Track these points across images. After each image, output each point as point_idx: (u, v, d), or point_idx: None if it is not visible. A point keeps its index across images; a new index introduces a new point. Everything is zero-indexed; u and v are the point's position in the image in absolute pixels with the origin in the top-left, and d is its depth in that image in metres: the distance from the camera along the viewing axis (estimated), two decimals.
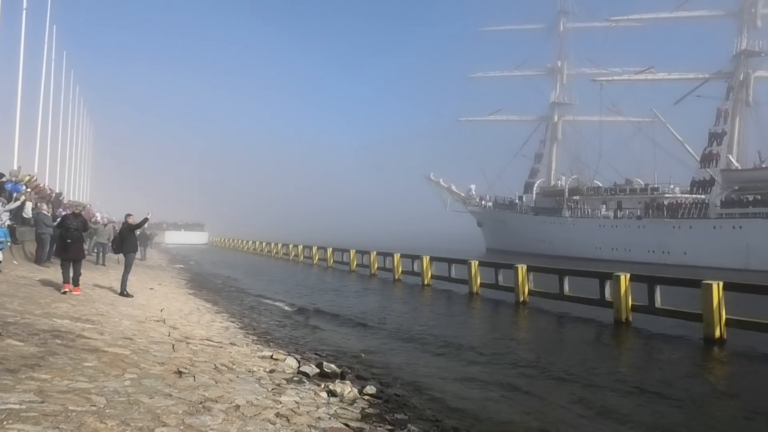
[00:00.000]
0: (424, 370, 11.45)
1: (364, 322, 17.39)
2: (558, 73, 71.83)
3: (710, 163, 51.29)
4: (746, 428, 8.60)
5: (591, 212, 58.62)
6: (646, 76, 57.52)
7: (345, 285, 29.34)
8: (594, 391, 10.07)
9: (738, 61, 52.50)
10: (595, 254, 52.94)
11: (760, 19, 51.43)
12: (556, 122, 71.52)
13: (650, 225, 50.75)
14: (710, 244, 45.09)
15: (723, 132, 51.96)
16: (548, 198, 66.22)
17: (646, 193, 56.21)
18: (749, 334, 13.97)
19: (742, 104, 52.02)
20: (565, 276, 19.68)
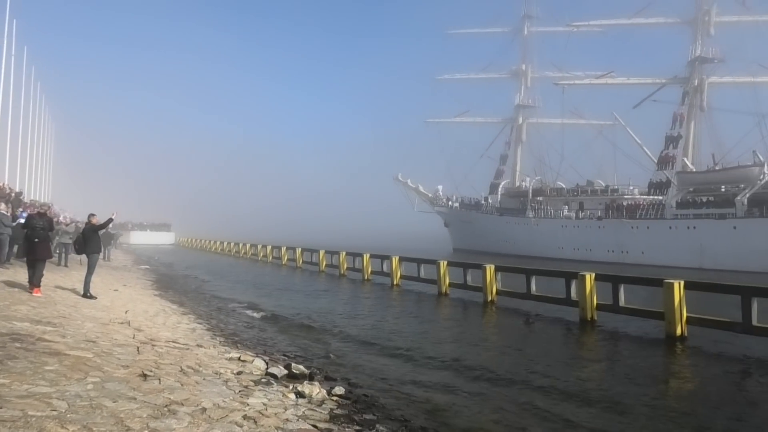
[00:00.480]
0: (393, 373, 11.45)
1: (333, 323, 17.37)
2: (522, 76, 72.90)
3: (667, 166, 52.73)
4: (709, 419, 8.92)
5: (554, 213, 59.82)
6: (606, 81, 58.94)
7: (312, 285, 29.23)
8: (559, 391, 10.26)
9: (693, 68, 54.24)
10: (558, 254, 53.90)
11: (713, 27, 53.09)
12: (520, 124, 72.64)
13: (610, 225, 51.95)
14: (666, 244, 46.34)
15: (679, 135, 53.58)
16: (513, 199, 67.24)
17: (607, 195, 57.63)
18: (709, 332, 14.37)
19: (696, 109, 53.66)
20: (532, 276, 19.95)
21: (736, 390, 10.76)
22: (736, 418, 8.99)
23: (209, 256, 61.25)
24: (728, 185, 45.96)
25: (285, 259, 45.32)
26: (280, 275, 36.15)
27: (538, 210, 61.33)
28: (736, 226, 42.49)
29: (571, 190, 62.01)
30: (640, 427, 8.52)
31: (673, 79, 55.72)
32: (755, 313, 13.17)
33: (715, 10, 52.95)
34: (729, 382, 11.18)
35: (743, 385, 11.18)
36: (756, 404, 9.85)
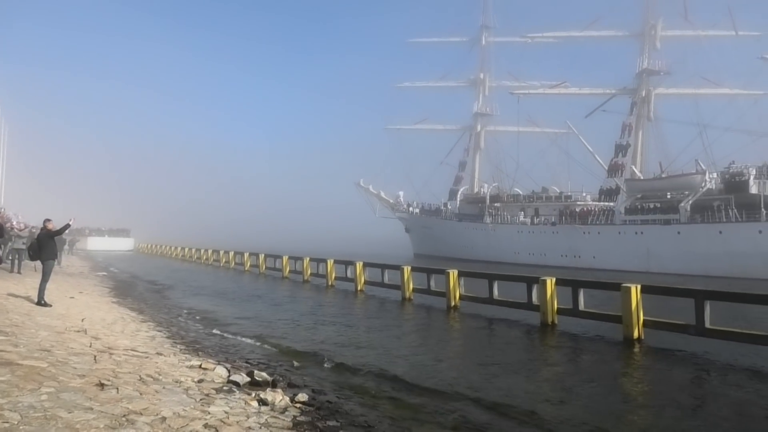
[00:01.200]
0: (357, 379, 11.44)
1: (296, 330, 17.26)
2: (480, 85, 74.01)
3: (616, 173, 54.49)
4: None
5: (510, 219, 61.07)
6: (560, 91, 60.85)
7: (275, 292, 28.97)
8: (529, 393, 10.49)
9: (641, 79, 56.25)
10: (514, 259, 54.97)
11: (659, 41, 55.30)
12: (478, 132, 73.75)
13: (563, 231, 53.32)
14: (615, 249, 47.65)
15: (627, 144, 55.58)
16: (471, 205, 68.21)
17: (561, 201, 59.22)
18: (664, 334, 14.76)
19: (644, 119, 55.70)
20: (494, 281, 20.22)
21: (688, 390, 11.08)
22: (686, 417, 9.25)
23: (170, 262, 60.09)
24: (673, 192, 47.52)
25: (248, 265, 44.77)
26: (242, 282, 35.71)
27: (495, 216, 62.43)
28: (680, 231, 44.00)
29: (527, 197, 63.50)
30: (595, 426, 8.77)
31: (622, 89, 57.71)
32: (708, 316, 13.63)
33: (661, 25, 55.06)
34: (682, 383, 11.51)
35: (696, 386, 11.53)
36: (706, 404, 10.18)
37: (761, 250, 38.03)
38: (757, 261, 37.28)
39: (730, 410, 9.58)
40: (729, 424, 8.90)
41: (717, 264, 38.89)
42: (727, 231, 40.87)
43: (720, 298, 14.21)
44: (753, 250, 38.36)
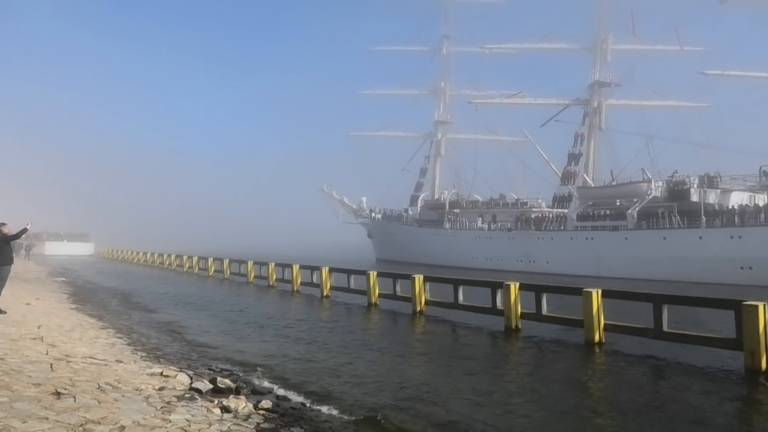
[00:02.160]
0: (323, 384, 11.38)
1: (262, 337, 17.10)
2: (441, 94, 74.86)
3: (569, 181, 55.83)
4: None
5: (468, 224, 61.90)
6: (516, 101, 62.04)
7: (240, 298, 28.64)
8: (493, 393, 10.59)
9: (592, 90, 57.76)
10: (472, 263, 55.57)
11: (610, 54, 57.01)
12: (439, 139, 74.60)
13: (519, 236, 54.28)
14: (568, 254, 48.67)
15: (580, 153, 57.10)
16: (431, 211, 68.71)
17: (517, 207, 60.40)
18: (624, 338, 15.00)
19: (596, 129, 57.16)
20: (459, 286, 20.23)
21: (647, 393, 11.24)
22: (645, 419, 9.38)
23: (132, 267, 58.80)
24: (622, 199, 48.68)
25: (212, 270, 44.14)
26: (206, 287, 35.16)
27: (454, 222, 63.15)
28: (627, 237, 45.16)
29: (485, 203, 64.51)
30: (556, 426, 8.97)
31: (575, 100, 59.16)
32: (665, 320, 13.87)
33: (612, 39, 56.71)
34: (641, 386, 11.69)
35: (654, 388, 11.73)
36: (664, 406, 10.30)
37: (701, 255, 39.15)
38: (698, 265, 38.30)
39: (686, 412, 9.77)
40: (685, 426, 9.09)
41: (661, 268, 39.93)
42: (671, 237, 42.09)
43: (677, 302, 14.56)
44: (694, 255, 39.51)
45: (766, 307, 11.93)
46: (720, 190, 43.65)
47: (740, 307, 12.24)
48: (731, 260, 37.63)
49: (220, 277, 40.91)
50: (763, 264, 35.85)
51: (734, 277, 35.95)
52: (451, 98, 74.64)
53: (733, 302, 12.68)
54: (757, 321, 11.88)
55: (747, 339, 12.07)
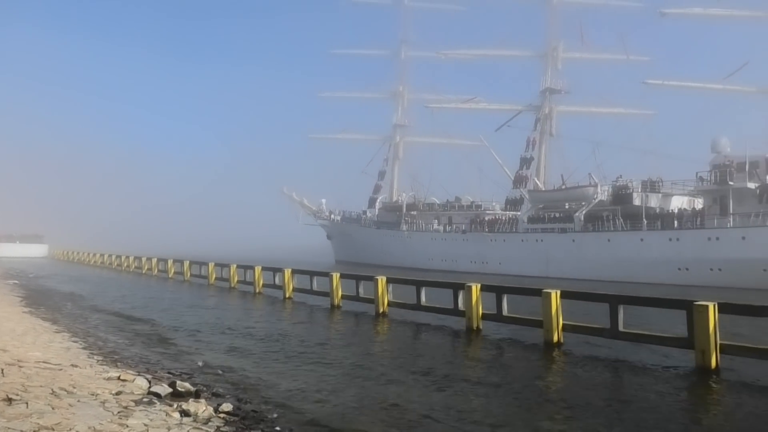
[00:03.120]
0: (285, 386, 11.17)
1: (222, 339, 16.71)
2: (400, 97, 74.91)
3: (521, 184, 56.74)
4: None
5: (425, 226, 62.39)
6: (471, 106, 62.63)
7: (203, 300, 28.02)
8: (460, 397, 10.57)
9: (544, 97, 58.74)
10: (428, 265, 55.76)
11: (561, 62, 58.11)
12: (397, 142, 74.58)
13: (472, 238, 54.97)
14: (519, 255, 49.34)
15: (531, 158, 57.99)
16: (389, 213, 68.86)
17: (472, 210, 61.32)
18: (582, 338, 15.08)
19: (547, 134, 58.14)
20: (422, 287, 20.09)
21: (603, 390, 11.39)
22: (601, 416, 9.50)
23: (88, 269, 56.91)
24: (570, 203, 49.72)
25: (172, 272, 43.03)
26: (166, 289, 34.32)
27: (411, 224, 63.46)
28: (574, 239, 46.20)
29: (442, 206, 65.15)
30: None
31: (528, 106, 59.94)
32: (621, 320, 14.00)
33: (562, 47, 57.78)
34: (597, 383, 11.82)
35: (610, 386, 11.90)
36: (619, 402, 10.52)
37: (642, 256, 40.19)
38: (639, 266, 39.30)
39: (639, 410, 9.87)
40: (638, 423, 9.20)
41: (606, 269, 40.70)
42: (615, 239, 43.17)
43: (632, 302, 14.77)
44: (636, 256, 40.53)
45: (716, 307, 12.20)
46: (661, 194, 44.90)
47: (692, 307, 12.42)
48: (669, 261, 38.71)
49: (180, 279, 39.92)
50: (698, 265, 36.97)
51: (672, 278, 36.96)
52: (409, 102, 74.77)
53: (685, 302, 12.88)
54: (707, 320, 12.10)
55: (698, 338, 12.26)
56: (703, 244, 37.65)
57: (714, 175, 39.64)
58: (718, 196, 39.72)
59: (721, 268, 35.88)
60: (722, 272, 35.65)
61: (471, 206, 62.21)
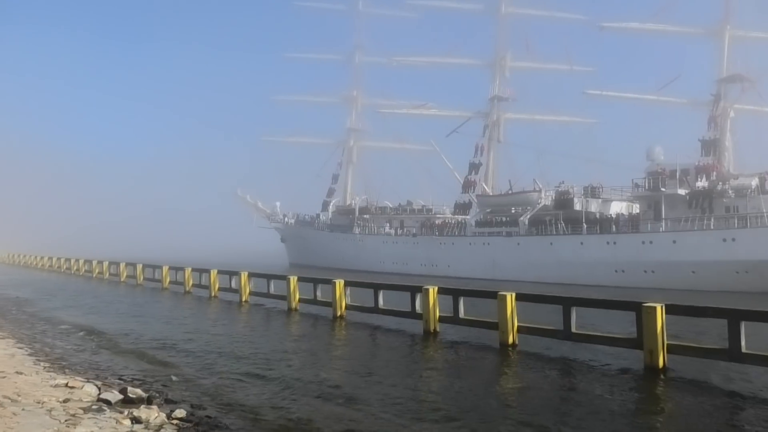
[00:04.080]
0: (240, 392, 10.71)
1: (174, 345, 15.86)
2: (353, 102, 74.07)
3: (469, 189, 56.83)
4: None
5: (377, 230, 62.23)
6: (422, 112, 62.71)
7: (156, 305, 26.78)
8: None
9: (492, 104, 59.19)
10: (380, 267, 55.43)
11: (508, 70, 58.69)
12: (351, 147, 73.66)
13: (423, 241, 55.00)
14: (467, 258, 49.64)
15: (480, 163, 58.26)
16: (343, 216, 68.12)
17: (423, 214, 61.38)
18: (536, 339, 14.96)
19: (495, 141, 58.68)
20: (380, 290, 19.66)
21: (556, 390, 11.41)
22: (553, 414, 9.54)
23: (36, 273, 54.00)
24: (516, 207, 50.40)
25: (124, 276, 41.09)
26: (118, 294, 32.68)
27: (364, 227, 63.03)
28: (519, 242, 46.71)
29: (394, 209, 64.88)
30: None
31: (477, 113, 60.25)
32: (574, 322, 13.96)
33: (510, 57, 58.34)
34: (551, 383, 11.81)
35: (563, 386, 11.86)
36: (571, 401, 10.51)
37: (582, 259, 41.00)
38: (579, 268, 40.04)
39: (590, 408, 9.91)
40: (588, 421, 9.23)
41: (549, 272, 41.32)
42: (557, 242, 43.82)
43: (584, 304, 14.74)
44: (576, 259, 41.32)
45: (663, 308, 12.27)
46: (601, 200, 45.86)
47: (641, 308, 12.49)
48: (607, 264, 39.55)
49: (133, 283, 38.07)
50: (634, 267, 37.98)
51: (610, 279, 37.72)
52: (363, 107, 74.00)
53: (635, 304, 12.91)
54: (655, 321, 12.15)
55: (646, 338, 12.33)
56: (638, 247, 38.60)
57: (648, 182, 40.80)
58: (652, 202, 40.83)
59: (654, 270, 36.96)
60: (655, 274, 36.71)
61: (422, 210, 62.13)
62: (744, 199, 36.27)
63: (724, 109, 40.97)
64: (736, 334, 11.32)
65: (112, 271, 43.80)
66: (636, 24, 45.17)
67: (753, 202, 35.55)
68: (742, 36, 41.26)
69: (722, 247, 34.33)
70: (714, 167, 39.57)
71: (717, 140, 40.43)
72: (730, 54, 41.43)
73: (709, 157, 40.02)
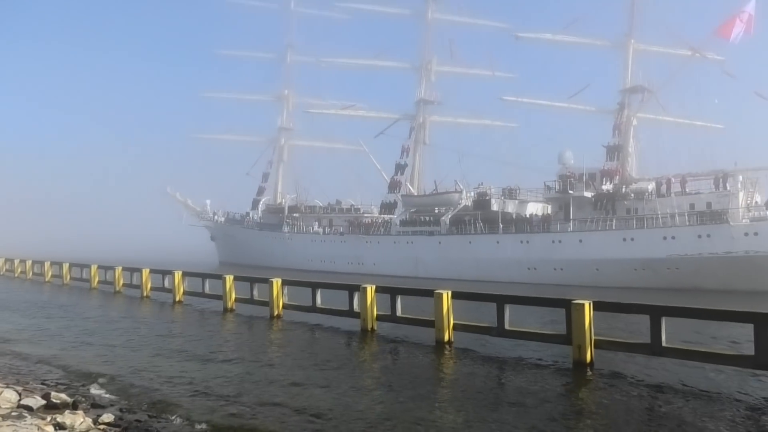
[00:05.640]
0: (169, 395, 10.02)
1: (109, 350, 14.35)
2: (285, 101, 71.38)
3: (395, 189, 56.20)
4: None
5: (306, 228, 60.52)
6: (350, 112, 61.01)
7: (83, 304, 24.45)
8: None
9: (418, 107, 58.32)
10: (308, 266, 54.09)
11: (434, 74, 57.98)
12: (282, 145, 70.97)
13: (350, 240, 54.08)
14: (391, 256, 49.07)
15: (405, 164, 57.28)
16: (273, 215, 65.95)
17: (351, 213, 60.34)
18: (472, 336, 14.59)
19: (421, 143, 57.96)
20: (317, 289, 18.65)
21: (489, 385, 11.22)
22: (485, 410, 9.34)
23: None
24: (440, 207, 50.34)
25: (48, 275, 37.26)
26: (42, 294, 29.66)
27: (293, 226, 61.20)
28: (441, 241, 46.63)
29: (323, 208, 63.28)
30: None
31: (404, 115, 59.19)
32: (507, 319, 13.66)
33: (436, 61, 57.56)
34: (484, 379, 11.55)
35: (495, 381, 11.67)
36: (503, 395, 10.52)
37: (498, 257, 41.46)
38: (496, 266, 40.52)
39: (519, 401, 9.82)
40: (516, 413, 9.17)
41: (468, 269, 41.52)
42: (475, 241, 44.11)
43: (516, 302, 14.49)
44: (492, 257, 41.73)
45: (591, 305, 12.21)
46: (518, 201, 46.59)
47: (570, 305, 12.36)
48: (521, 262, 40.17)
49: (59, 283, 34.71)
50: (545, 265, 38.79)
51: (523, 277, 38.46)
52: (294, 106, 71.25)
53: (564, 301, 12.74)
54: (583, 318, 12.05)
55: (575, 334, 12.22)
56: (548, 246, 39.31)
57: (559, 185, 41.70)
58: (562, 204, 41.72)
59: (563, 268, 37.66)
60: (564, 271, 37.43)
61: (351, 209, 60.89)
62: (642, 202, 37.63)
63: (627, 118, 42.16)
64: (658, 329, 11.39)
65: (36, 270, 39.87)
66: (549, 35, 45.66)
67: (650, 204, 36.90)
68: (644, 50, 42.59)
69: (622, 246, 35.54)
70: (617, 171, 40.79)
71: (620, 146, 41.60)
72: (633, 66, 42.61)
73: (614, 162, 41.13)
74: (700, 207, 34.67)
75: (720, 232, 32.35)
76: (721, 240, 32.21)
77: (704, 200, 34.94)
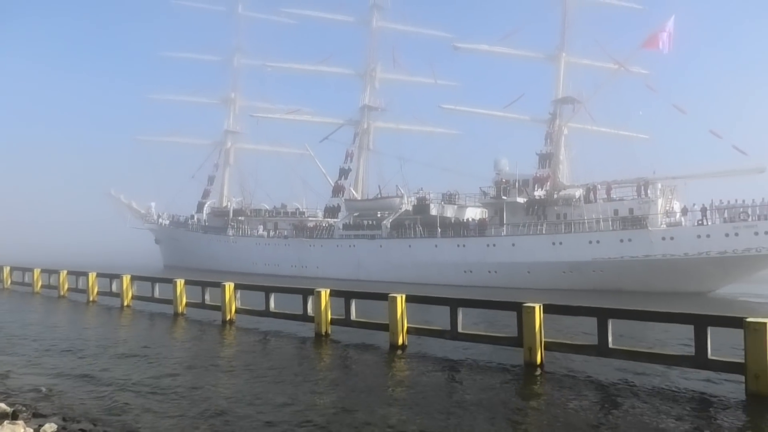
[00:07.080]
0: (119, 399, 9.33)
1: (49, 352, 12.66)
2: (231, 104, 68.05)
3: (339, 194, 54.40)
4: None
5: (251, 232, 57.82)
6: (295, 117, 58.74)
7: (26, 309, 21.98)
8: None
9: (363, 113, 56.28)
10: (253, 269, 51.89)
11: (378, 81, 56.22)
12: (228, 148, 67.71)
13: (294, 243, 52.02)
14: (334, 259, 47.60)
15: (349, 169, 55.51)
16: (218, 218, 62.64)
17: (296, 217, 58.05)
18: (425, 340, 13.96)
19: (365, 148, 56.17)
20: (271, 293, 17.34)
21: (441, 387, 10.63)
22: (438, 413, 8.88)
23: None
24: (382, 211, 49.10)
25: None
26: None
27: (238, 229, 58.44)
28: (381, 244, 45.49)
29: (269, 212, 60.57)
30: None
31: (348, 121, 57.22)
32: (460, 322, 13.05)
33: (380, 68, 56.03)
34: (437, 383, 10.93)
35: (448, 383, 11.12)
36: (454, 397, 10.05)
37: (436, 260, 40.78)
38: (434, 269, 39.87)
39: (472, 402, 9.47)
40: (469, 414, 8.83)
41: (407, 272, 40.69)
42: (414, 245, 43.22)
43: (470, 305, 13.94)
44: (431, 260, 41.02)
45: (541, 308, 11.81)
46: (457, 206, 45.86)
47: (521, 308, 11.90)
48: (458, 265, 39.57)
49: None
50: (480, 267, 38.41)
51: (460, 279, 37.80)
52: (241, 109, 67.61)
53: (516, 304, 12.20)
54: (533, 320, 11.63)
55: (526, 337, 11.76)
56: (483, 249, 38.86)
57: (494, 191, 41.51)
58: (497, 209, 41.46)
59: (497, 271, 37.32)
60: (497, 274, 37.09)
61: (296, 213, 58.38)
62: (570, 208, 37.87)
63: (559, 127, 42.31)
64: (605, 331, 11.10)
65: None
66: (485, 46, 45.15)
67: (578, 210, 37.18)
68: (575, 63, 42.88)
69: (552, 249, 35.67)
70: (548, 178, 40.90)
71: (552, 154, 41.74)
72: (564, 78, 42.77)
73: (545, 169, 41.21)
74: (623, 213, 35.08)
75: (640, 237, 32.95)
76: (641, 244, 32.81)
77: (627, 206, 35.41)
